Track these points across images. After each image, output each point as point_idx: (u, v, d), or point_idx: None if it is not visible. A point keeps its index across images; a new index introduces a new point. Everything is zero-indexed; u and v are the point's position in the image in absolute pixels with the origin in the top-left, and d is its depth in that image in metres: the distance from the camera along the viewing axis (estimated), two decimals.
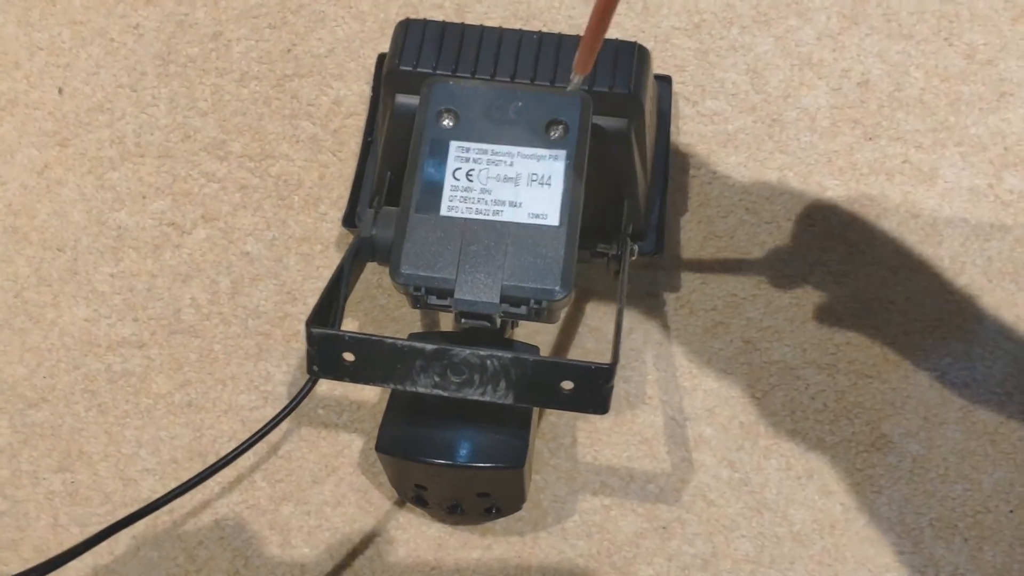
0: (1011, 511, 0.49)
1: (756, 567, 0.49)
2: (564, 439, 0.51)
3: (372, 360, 0.38)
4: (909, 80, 0.56)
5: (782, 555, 0.49)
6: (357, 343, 0.38)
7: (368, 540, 0.50)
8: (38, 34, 0.59)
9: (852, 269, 0.53)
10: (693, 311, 0.53)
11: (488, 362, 0.38)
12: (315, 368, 0.39)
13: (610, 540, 0.49)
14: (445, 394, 0.39)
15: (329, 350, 0.39)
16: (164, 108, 0.57)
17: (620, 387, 0.52)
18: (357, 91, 0.57)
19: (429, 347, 0.38)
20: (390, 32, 0.56)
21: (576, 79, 0.39)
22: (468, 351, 0.38)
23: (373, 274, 0.54)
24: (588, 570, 0.49)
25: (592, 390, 0.38)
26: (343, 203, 0.54)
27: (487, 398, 0.38)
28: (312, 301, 0.53)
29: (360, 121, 0.56)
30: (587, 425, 0.51)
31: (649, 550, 0.49)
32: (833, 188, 0.54)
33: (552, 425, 0.51)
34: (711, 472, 0.50)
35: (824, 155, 0.55)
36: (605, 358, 0.52)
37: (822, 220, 0.54)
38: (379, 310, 0.53)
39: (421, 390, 0.39)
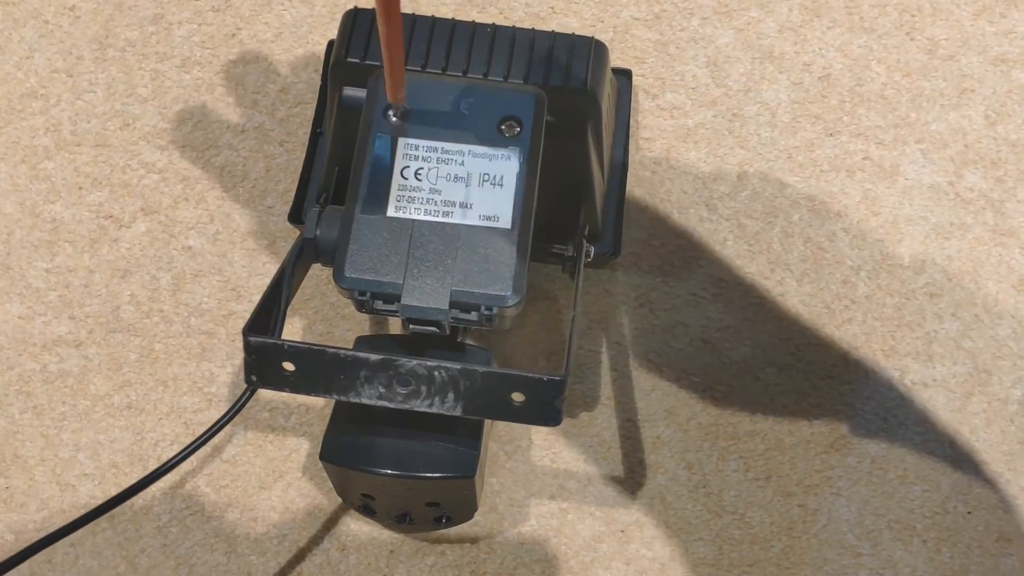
0: (969, 512, 0.49)
1: (714, 570, 0.48)
2: (520, 441, 0.50)
3: (313, 370, 0.37)
4: (870, 75, 0.55)
5: (740, 558, 0.49)
6: (297, 352, 0.37)
7: (318, 548, 0.48)
8: None
9: (812, 267, 0.52)
10: (652, 310, 0.51)
11: (436, 373, 0.36)
12: (253, 378, 0.37)
13: (567, 544, 0.49)
14: (391, 405, 0.37)
15: (268, 359, 0.37)
16: (102, 94, 0.55)
17: (577, 388, 0.50)
18: (305, 79, 0.55)
19: (374, 357, 0.36)
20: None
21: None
22: (415, 362, 0.36)
23: (323, 270, 0.52)
24: None
25: (543, 403, 0.36)
26: (290, 196, 0.52)
27: (435, 410, 0.37)
28: (259, 299, 0.51)
29: (309, 111, 0.54)
30: (544, 427, 0.50)
31: (607, 554, 0.48)
32: (793, 185, 0.53)
33: (508, 427, 0.50)
34: (669, 474, 0.49)
35: (785, 151, 0.54)
36: (560, 359, 0.51)
37: (783, 217, 0.53)
38: (329, 308, 0.52)
39: (366, 401, 0.37)
